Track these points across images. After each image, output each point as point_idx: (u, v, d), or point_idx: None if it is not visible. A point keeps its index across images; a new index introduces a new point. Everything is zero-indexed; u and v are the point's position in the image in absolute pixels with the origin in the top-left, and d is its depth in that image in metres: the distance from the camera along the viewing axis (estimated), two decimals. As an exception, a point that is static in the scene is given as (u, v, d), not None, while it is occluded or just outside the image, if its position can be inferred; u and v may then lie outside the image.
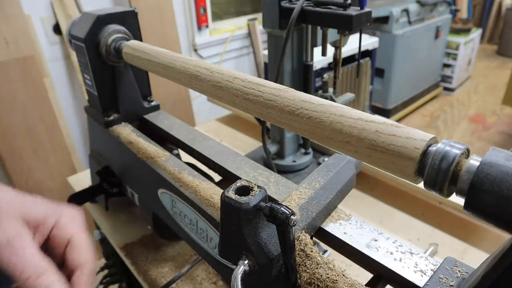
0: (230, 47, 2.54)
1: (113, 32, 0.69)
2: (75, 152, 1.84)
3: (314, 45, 0.80)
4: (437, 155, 0.28)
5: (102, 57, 0.70)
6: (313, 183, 0.53)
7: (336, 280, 0.42)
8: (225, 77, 0.45)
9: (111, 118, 0.75)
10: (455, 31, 3.52)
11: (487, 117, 3.29)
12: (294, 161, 0.90)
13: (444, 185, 0.28)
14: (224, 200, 0.38)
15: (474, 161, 0.27)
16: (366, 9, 0.66)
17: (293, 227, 0.39)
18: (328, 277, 0.42)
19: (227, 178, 0.62)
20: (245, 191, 0.40)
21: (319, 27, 0.77)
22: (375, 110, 2.99)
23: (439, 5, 3.11)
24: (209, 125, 1.35)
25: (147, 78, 0.81)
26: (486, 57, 4.74)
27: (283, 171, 0.90)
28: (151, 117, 0.80)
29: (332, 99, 0.86)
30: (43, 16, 1.69)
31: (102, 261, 1.04)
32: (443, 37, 3.30)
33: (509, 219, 0.25)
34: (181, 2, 2.20)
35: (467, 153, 0.29)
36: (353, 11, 0.65)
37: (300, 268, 0.44)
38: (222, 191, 0.45)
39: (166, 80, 0.59)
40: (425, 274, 0.42)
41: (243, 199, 0.39)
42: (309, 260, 0.44)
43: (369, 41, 2.03)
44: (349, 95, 0.92)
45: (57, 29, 1.74)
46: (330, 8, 0.67)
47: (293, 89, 0.39)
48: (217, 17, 2.53)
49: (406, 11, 2.78)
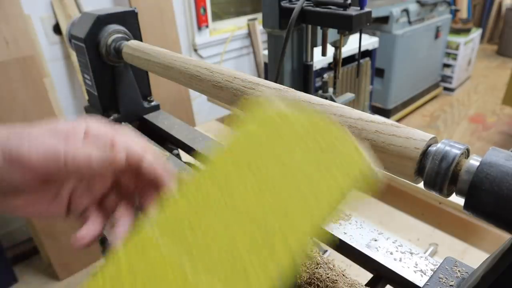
0: (230, 47, 2.54)
1: (113, 32, 0.69)
2: (75, 152, 1.83)
3: (314, 45, 0.80)
4: (437, 155, 0.28)
5: (102, 57, 0.70)
6: (313, 183, 0.53)
7: (336, 280, 0.42)
8: (225, 77, 0.45)
9: (111, 118, 0.75)
10: (455, 31, 3.51)
11: (487, 117, 3.29)
12: (294, 161, 0.90)
13: (444, 185, 0.28)
14: None
15: (474, 161, 0.27)
16: (366, 9, 0.66)
17: (293, 227, 0.39)
18: (328, 277, 0.42)
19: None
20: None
21: (319, 27, 0.77)
22: (375, 110, 2.98)
23: (439, 5, 3.11)
24: (209, 125, 1.36)
25: (147, 78, 0.81)
26: (486, 57, 4.74)
27: (283, 171, 0.90)
28: (151, 117, 0.80)
29: (332, 99, 0.86)
30: (43, 16, 1.69)
31: (102, 261, 1.04)
32: (443, 37, 3.29)
33: (509, 219, 0.25)
34: (181, 2, 2.20)
35: (467, 153, 0.29)
36: (353, 11, 0.65)
37: (300, 268, 0.44)
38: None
39: (166, 80, 0.59)
40: (425, 274, 0.42)
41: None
42: (309, 260, 0.44)
43: (369, 41, 2.03)
44: (349, 95, 0.92)
45: (57, 29, 1.74)
46: (330, 8, 0.67)
47: (293, 89, 0.39)
48: (217, 17, 2.53)
49: (406, 11, 2.78)
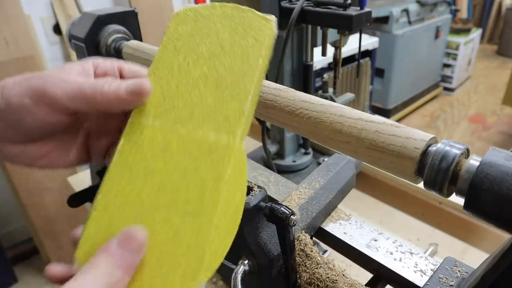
0: (230, 47, 2.54)
1: (113, 32, 0.69)
2: (75, 152, 1.84)
3: (314, 45, 0.80)
4: (437, 155, 0.28)
5: (102, 57, 0.70)
6: (313, 183, 0.53)
7: (336, 280, 0.42)
8: (225, 77, 0.45)
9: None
10: (455, 31, 3.52)
11: (487, 117, 3.29)
12: (294, 161, 0.90)
13: (444, 185, 0.28)
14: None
15: (474, 161, 0.27)
16: (366, 9, 0.66)
17: (293, 227, 0.39)
18: (328, 277, 0.42)
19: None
20: (245, 191, 0.40)
21: (319, 27, 0.77)
22: (375, 110, 2.99)
23: (439, 5, 3.11)
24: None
25: (147, 78, 0.81)
26: (486, 57, 4.74)
27: (283, 171, 0.90)
28: (151, 117, 0.80)
29: (332, 99, 0.86)
30: (43, 16, 1.70)
31: (102, 261, 1.04)
32: (443, 37, 3.29)
33: (509, 219, 0.25)
34: (181, 2, 2.20)
35: (467, 153, 0.29)
36: (353, 11, 0.65)
37: (300, 268, 0.44)
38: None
39: (166, 80, 0.59)
40: (425, 274, 0.42)
41: (243, 199, 0.39)
42: (309, 260, 0.44)
43: (369, 41, 2.03)
44: (349, 95, 0.92)
45: (57, 29, 1.74)
46: (330, 8, 0.67)
47: (293, 89, 0.39)
48: (217, 17, 2.53)
49: (406, 11, 2.78)
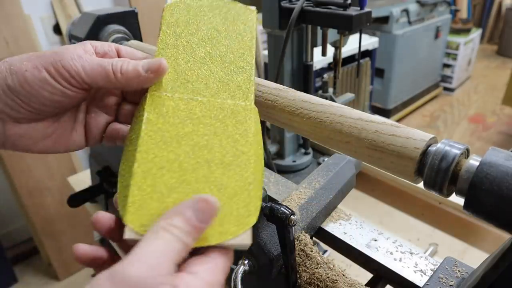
0: (230, 47, 2.54)
1: (113, 32, 0.69)
2: (75, 152, 1.84)
3: (314, 45, 0.80)
4: (437, 155, 0.28)
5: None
6: (313, 183, 0.53)
7: (336, 280, 0.42)
8: (225, 77, 0.45)
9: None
10: (455, 31, 3.51)
11: (487, 117, 3.29)
12: (294, 161, 0.90)
13: (443, 185, 0.28)
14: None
15: (474, 161, 0.27)
16: (366, 9, 0.66)
17: (293, 227, 0.39)
18: (328, 277, 0.42)
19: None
20: (245, 191, 0.40)
21: (319, 27, 0.77)
22: (375, 110, 2.99)
23: (439, 5, 3.11)
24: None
25: (147, 78, 0.81)
26: (486, 57, 4.74)
27: (283, 171, 0.90)
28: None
29: (332, 99, 0.86)
30: (43, 16, 1.69)
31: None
32: (443, 37, 3.29)
33: (509, 219, 0.25)
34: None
35: (466, 153, 0.29)
36: (353, 11, 0.65)
37: (300, 268, 0.44)
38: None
39: (166, 80, 0.59)
40: (425, 274, 0.42)
41: (243, 199, 0.39)
42: (309, 260, 0.44)
43: (369, 41, 2.03)
44: (349, 95, 0.92)
45: (57, 29, 1.74)
46: (330, 8, 0.67)
47: (293, 89, 0.39)
48: (217, 17, 2.53)
49: (406, 11, 2.78)
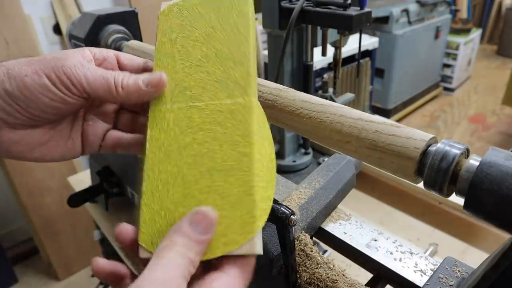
0: (230, 47, 2.54)
1: (113, 32, 0.69)
2: (75, 152, 1.84)
3: (314, 45, 0.80)
4: (437, 155, 0.28)
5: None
6: (313, 183, 0.53)
7: (336, 280, 0.42)
8: (225, 77, 0.45)
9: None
10: (455, 31, 3.51)
11: (487, 117, 3.29)
12: (294, 161, 0.90)
13: (444, 185, 0.28)
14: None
15: (474, 161, 0.27)
16: (366, 9, 0.66)
17: (293, 227, 0.39)
18: (328, 277, 0.42)
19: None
20: (245, 191, 0.40)
21: (319, 27, 0.77)
22: (375, 110, 2.99)
23: (439, 5, 3.11)
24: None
25: (147, 78, 0.81)
26: (486, 57, 4.74)
27: (283, 171, 0.90)
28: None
29: (332, 99, 0.86)
30: (43, 16, 1.69)
31: (102, 261, 1.04)
32: (443, 37, 3.29)
33: (509, 219, 0.25)
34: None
35: (466, 153, 0.29)
36: (353, 11, 0.65)
37: (300, 268, 0.44)
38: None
39: (166, 80, 0.58)
40: (425, 274, 0.42)
41: (243, 199, 0.39)
42: (309, 260, 0.44)
43: (369, 41, 2.03)
44: (349, 95, 0.92)
45: (57, 29, 1.74)
46: (330, 8, 0.67)
47: (293, 89, 0.39)
48: (217, 17, 2.53)
49: (406, 11, 2.78)
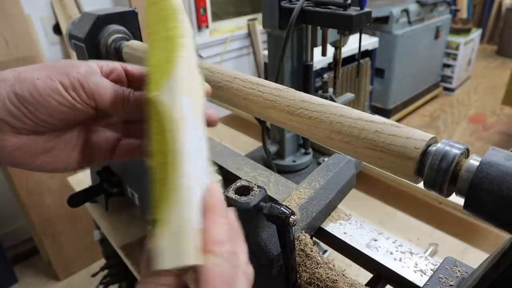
0: (230, 47, 2.53)
1: (113, 32, 0.69)
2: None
3: (314, 45, 0.80)
4: (437, 155, 0.28)
5: (102, 57, 0.70)
6: (313, 183, 0.53)
7: (336, 280, 0.42)
8: (225, 77, 0.45)
9: (111, 118, 0.75)
10: (455, 31, 3.52)
11: (487, 117, 3.29)
12: (294, 161, 0.90)
13: (444, 184, 0.28)
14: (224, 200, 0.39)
15: (474, 161, 0.27)
16: (366, 9, 0.66)
17: (293, 227, 0.39)
18: (328, 277, 0.42)
19: (227, 178, 0.62)
20: (245, 191, 0.40)
21: (319, 27, 0.77)
22: (375, 110, 2.99)
23: (439, 5, 3.11)
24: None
25: (147, 78, 0.81)
26: (486, 57, 4.74)
27: (283, 171, 0.90)
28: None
29: (332, 99, 0.86)
30: (43, 16, 1.70)
31: (102, 261, 1.04)
32: (443, 37, 3.29)
33: (509, 219, 0.25)
34: (181, 2, 2.20)
35: (466, 153, 0.29)
36: (353, 11, 0.65)
37: (300, 268, 0.44)
38: (222, 191, 0.45)
39: (166, 80, 0.59)
40: (425, 274, 0.42)
41: (243, 199, 0.39)
42: (309, 260, 0.44)
43: (369, 41, 2.03)
44: (349, 95, 0.92)
45: (57, 29, 1.74)
46: (330, 8, 0.67)
47: (293, 89, 0.39)
48: (217, 17, 2.53)
49: (406, 11, 2.78)
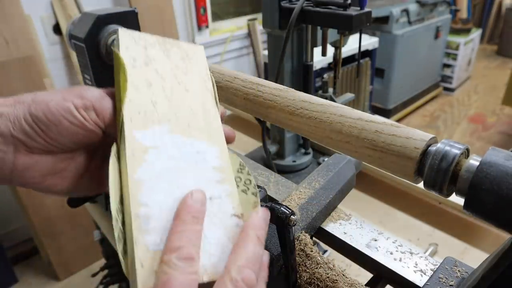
0: (230, 47, 2.54)
1: (113, 32, 0.69)
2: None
3: (314, 45, 0.80)
4: (437, 155, 0.28)
5: (102, 57, 0.70)
6: (313, 183, 0.53)
7: (336, 280, 0.42)
8: (225, 77, 0.45)
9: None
10: (455, 31, 3.51)
11: (487, 117, 3.29)
12: (294, 161, 0.90)
13: (444, 184, 0.28)
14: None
15: (474, 161, 0.27)
16: (366, 9, 0.66)
17: (293, 227, 0.39)
18: (328, 277, 0.42)
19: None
20: (245, 191, 0.40)
21: (319, 27, 0.77)
22: (375, 110, 2.99)
23: (439, 5, 3.11)
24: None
25: (147, 78, 0.81)
26: (486, 57, 4.74)
27: (283, 171, 0.90)
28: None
29: (332, 99, 0.86)
30: (43, 16, 1.70)
31: (102, 261, 1.04)
32: (443, 37, 3.29)
33: (509, 219, 0.25)
34: (181, 2, 2.20)
35: (466, 153, 0.29)
36: (353, 11, 0.65)
37: (300, 268, 0.44)
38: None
39: (166, 80, 0.58)
40: (425, 274, 0.42)
41: (243, 199, 0.39)
42: (309, 260, 0.44)
43: (369, 41, 2.03)
44: (349, 95, 0.92)
45: (57, 29, 1.74)
46: (330, 8, 0.67)
47: (293, 89, 0.39)
48: (217, 17, 2.53)
49: (406, 11, 2.78)
